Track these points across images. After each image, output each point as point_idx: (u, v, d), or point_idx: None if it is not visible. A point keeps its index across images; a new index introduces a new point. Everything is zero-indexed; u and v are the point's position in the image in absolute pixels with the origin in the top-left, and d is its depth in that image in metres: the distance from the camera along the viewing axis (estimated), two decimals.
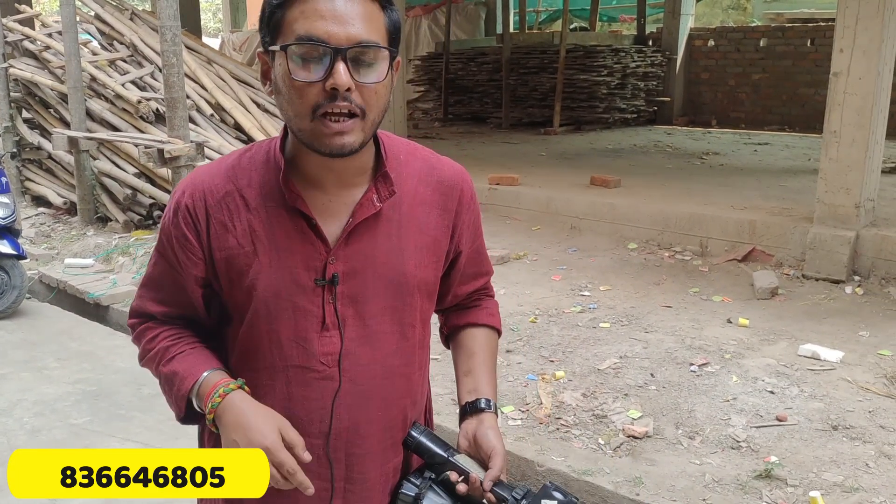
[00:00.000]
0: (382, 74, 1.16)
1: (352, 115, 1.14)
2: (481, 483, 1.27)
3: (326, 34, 1.11)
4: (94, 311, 5.50)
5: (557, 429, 3.37)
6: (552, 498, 1.21)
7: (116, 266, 6.08)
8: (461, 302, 1.50)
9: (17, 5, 9.79)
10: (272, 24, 1.16)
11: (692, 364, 3.84)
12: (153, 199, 6.84)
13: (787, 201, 6.15)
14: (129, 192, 6.81)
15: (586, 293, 5.01)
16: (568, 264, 5.60)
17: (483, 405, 1.38)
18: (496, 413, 1.39)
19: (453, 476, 1.29)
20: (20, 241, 5.53)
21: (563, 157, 8.85)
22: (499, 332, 1.53)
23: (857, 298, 4.76)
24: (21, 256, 5.36)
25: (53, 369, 4.53)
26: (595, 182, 6.98)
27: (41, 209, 7.82)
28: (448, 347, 1.54)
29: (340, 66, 1.11)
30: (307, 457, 1.19)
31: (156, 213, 6.88)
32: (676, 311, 4.66)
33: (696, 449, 3.15)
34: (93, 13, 8.59)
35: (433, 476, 1.31)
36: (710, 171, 7.92)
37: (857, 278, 4.99)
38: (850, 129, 4.93)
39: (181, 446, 3.56)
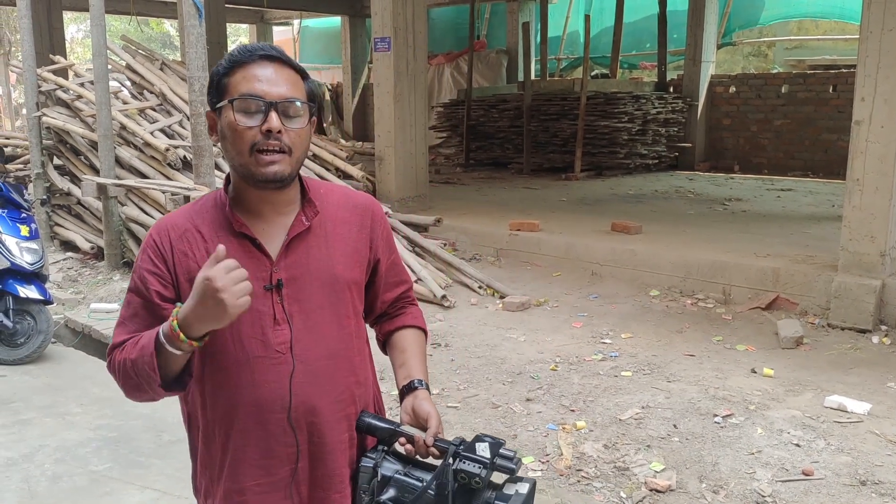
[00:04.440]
0: (304, 123, 1.52)
1: (281, 151, 1.48)
2: (424, 441, 1.52)
3: (263, 92, 1.47)
4: None
5: (578, 481, 3.32)
6: (483, 441, 1.46)
7: None
8: (388, 310, 1.79)
9: (51, 56, 10.10)
10: (219, 88, 1.51)
11: (716, 415, 3.78)
12: None
13: (811, 248, 6.09)
14: None
15: (607, 341, 4.97)
16: (589, 311, 5.57)
17: (416, 384, 1.65)
18: (428, 390, 1.65)
19: (401, 442, 1.54)
20: (47, 285, 5.62)
21: (583, 203, 8.86)
22: (424, 332, 1.82)
23: (884, 348, 4.68)
24: (48, 301, 5.44)
25: (75, 415, 4.56)
26: (616, 228, 6.97)
27: (69, 254, 7.95)
28: (385, 353, 1.81)
29: (273, 115, 1.47)
30: (221, 247, 1.37)
31: None
32: (699, 359, 4.60)
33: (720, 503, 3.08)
34: (124, 63, 8.83)
35: (385, 448, 1.56)
36: (732, 217, 7.89)
37: (884, 328, 4.92)
38: (873, 177, 4.91)
39: None
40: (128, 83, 8.91)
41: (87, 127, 7.98)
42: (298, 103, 1.50)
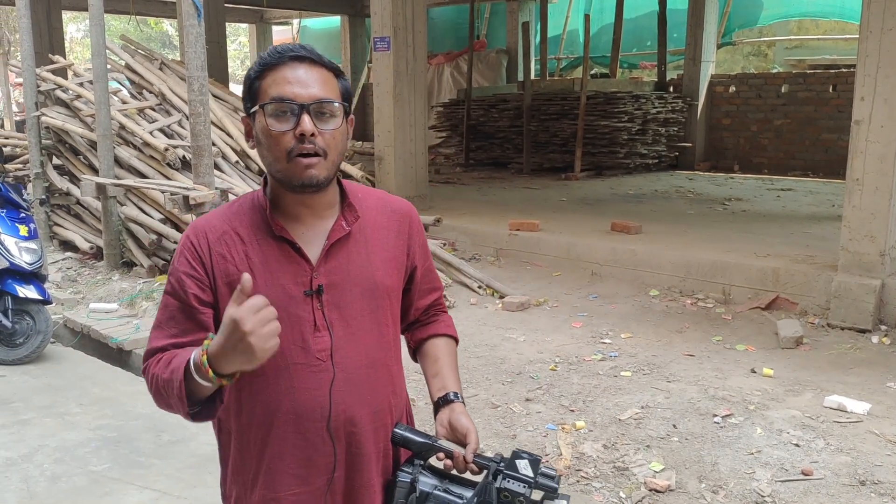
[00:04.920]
0: (339, 124, 1.47)
1: (316, 154, 1.44)
2: (463, 457, 1.50)
3: (293, 94, 1.43)
4: (117, 355, 5.54)
5: (578, 481, 3.31)
6: (522, 457, 1.45)
7: (140, 311, 6.13)
8: (421, 317, 1.77)
9: (50, 56, 10.10)
10: (251, 92, 1.48)
11: (715, 415, 3.78)
12: (178, 244, 6.92)
13: (811, 248, 6.09)
14: (154, 237, 6.91)
15: (607, 341, 4.97)
16: (589, 311, 5.57)
17: (452, 397, 1.62)
18: (463, 403, 1.63)
19: (439, 457, 1.51)
20: (46, 285, 5.61)
21: (583, 203, 8.86)
22: (456, 340, 1.80)
23: (883, 348, 4.67)
24: (46, 301, 5.43)
25: (75, 415, 4.55)
26: (616, 228, 6.97)
27: (68, 254, 7.94)
28: (416, 360, 1.79)
29: (305, 118, 1.43)
30: (246, 276, 1.31)
31: None
32: (699, 359, 4.60)
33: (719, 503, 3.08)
34: (123, 63, 8.82)
35: (422, 463, 1.53)
36: (732, 217, 7.89)
37: (883, 327, 4.91)
38: (872, 177, 4.91)
39: (199, 494, 3.57)
40: (127, 83, 8.91)
41: (87, 126, 7.98)
42: (332, 103, 1.46)
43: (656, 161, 12.08)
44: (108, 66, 7.62)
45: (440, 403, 1.63)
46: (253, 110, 1.47)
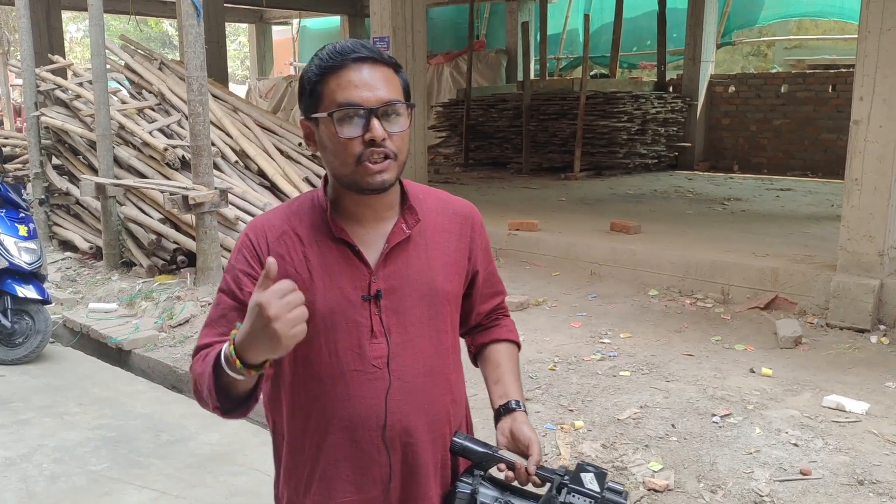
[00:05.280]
0: (406, 124, 1.44)
1: (387, 157, 1.41)
2: (526, 469, 1.46)
3: (360, 99, 1.39)
4: (117, 355, 5.55)
5: None
6: (587, 471, 1.41)
7: (139, 311, 6.14)
8: (482, 322, 1.73)
9: (50, 56, 10.10)
10: (313, 96, 1.43)
11: (714, 415, 3.78)
12: (177, 244, 6.93)
13: (810, 248, 6.09)
14: (153, 237, 6.91)
15: (606, 340, 4.97)
16: (588, 311, 5.57)
17: (514, 405, 1.59)
18: (525, 412, 1.59)
19: (500, 468, 1.47)
20: (45, 285, 5.62)
21: (583, 203, 8.86)
22: (518, 346, 1.75)
23: (882, 348, 4.68)
24: (46, 301, 5.44)
25: (75, 414, 4.56)
26: (615, 228, 6.98)
27: (67, 253, 7.95)
28: (476, 365, 1.76)
29: (375, 122, 1.38)
30: (271, 260, 1.26)
31: (179, 258, 6.96)
32: (698, 359, 4.60)
33: (718, 503, 3.08)
34: (123, 63, 8.83)
35: (482, 473, 1.49)
36: (731, 217, 7.89)
37: (882, 327, 4.92)
38: (871, 177, 4.91)
39: (198, 494, 3.57)
40: (126, 83, 8.91)
41: (86, 126, 7.98)
42: (399, 104, 1.42)
43: (656, 161, 12.08)
44: (108, 66, 7.63)
45: (501, 412, 1.59)
46: (316, 116, 1.43)
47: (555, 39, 15.22)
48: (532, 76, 13.65)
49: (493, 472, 1.49)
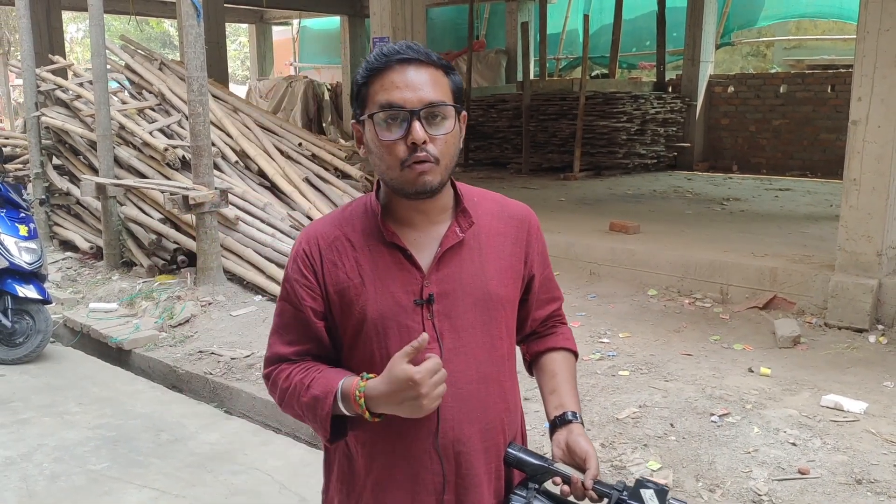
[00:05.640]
0: (451, 127, 1.41)
1: (428, 161, 1.38)
2: (582, 483, 1.42)
3: (402, 100, 1.36)
4: (117, 355, 5.56)
5: None
6: (647, 487, 1.38)
7: (140, 311, 6.15)
8: (538, 329, 1.68)
9: (50, 56, 10.11)
10: (359, 98, 1.43)
11: (713, 414, 3.79)
12: (177, 244, 6.94)
13: (808, 248, 6.11)
14: (154, 237, 6.92)
15: (605, 340, 4.98)
16: (587, 310, 5.58)
17: (570, 417, 1.54)
18: (582, 423, 1.55)
19: (556, 481, 1.44)
20: (46, 285, 5.63)
21: (582, 203, 8.87)
22: (576, 355, 1.71)
23: (880, 348, 4.69)
24: (46, 301, 5.45)
25: (74, 414, 4.57)
26: (614, 228, 6.99)
27: (68, 253, 7.96)
28: (532, 374, 1.72)
29: (416, 125, 1.36)
30: (425, 335, 1.33)
31: (180, 258, 6.97)
32: (697, 359, 4.61)
33: (716, 502, 3.10)
34: (123, 63, 8.84)
35: (536, 486, 1.45)
36: (730, 217, 7.90)
37: (880, 327, 4.93)
38: (869, 177, 4.92)
39: (198, 493, 3.58)
40: (127, 83, 8.92)
41: (86, 127, 7.99)
42: (443, 106, 1.39)
43: (655, 161, 12.10)
44: (108, 67, 7.64)
45: (557, 423, 1.55)
46: (362, 118, 1.43)
47: (554, 40, 15.23)
48: (532, 76, 13.67)
49: (548, 485, 1.47)
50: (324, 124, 16.67)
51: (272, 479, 3.72)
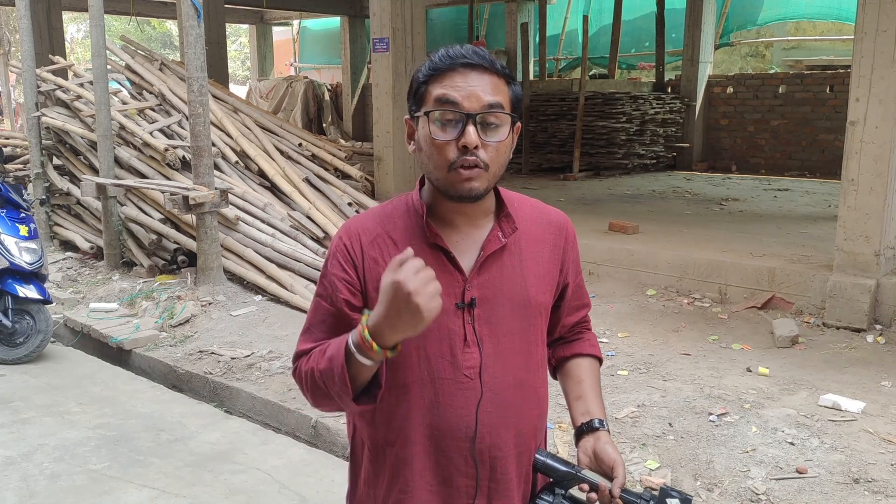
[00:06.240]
0: (504, 136, 1.40)
1: (477, 166, 1.37)
2: (609, 491, 1.42)
3: (460, 102, 1.36)
4: (117, 355, 5.57)
5: None
6: (672, 496, 1.39)
7: (140, 311, 6.16)
8: (565, 335, 1.68)
9: (50, 56, 10.12)
10: (418, 95, 1.43)
11: (711, 414, 3.81)
12: (178, 244, 6.95)
13: (807, 248, 6.12)
14: (154, 237, 6.93)
15: (605, 340, 5.00)
16: None
17: (597, 424, 1.54)
18: (609, 431, 1.55)
19: (583, 488, 1.43)
20: (46, 285, 5.64)
21: (581, 203, 8.89)
22: (600, 361, 1.71)
23: (878, 347, 4.70)
24: (47, 301, 5.46)
25: (75, 414, 4.58)
26: (614, 228, 7.00)
27: (68, 253, 7.97)
28: (556, 378, 1.71)
29: (471, 128, 1.36)
30: (410, 250, 1.28)
31: (180, 258, 6.98)
32: (695, 359, 4.63)
33: (714, 501, 3.11)
34: (123, 63, 8.85)
35: (562, 492, 1.45)
36: (729, 217, 7.92)
37: (878, 327, 4.94)
38: (868, 177, 4.94)
39: (197, 493, 3.60)
40: (127, 83, 8.93)
41: (87, 127, 8.00)
42: (499, 113, 1.39)
43: (654, 161, 12.11)
44: (109, 67, 7.65)
45: (584, 430, 1.54)
46: (417, 114, 1.43)
47: (554, 40, 15.24)
48: (531, 77, 13.68)
49: (574, 491, 1.47)
50: (324, 124, 16.68)
51: (272, 479, 3.74)
